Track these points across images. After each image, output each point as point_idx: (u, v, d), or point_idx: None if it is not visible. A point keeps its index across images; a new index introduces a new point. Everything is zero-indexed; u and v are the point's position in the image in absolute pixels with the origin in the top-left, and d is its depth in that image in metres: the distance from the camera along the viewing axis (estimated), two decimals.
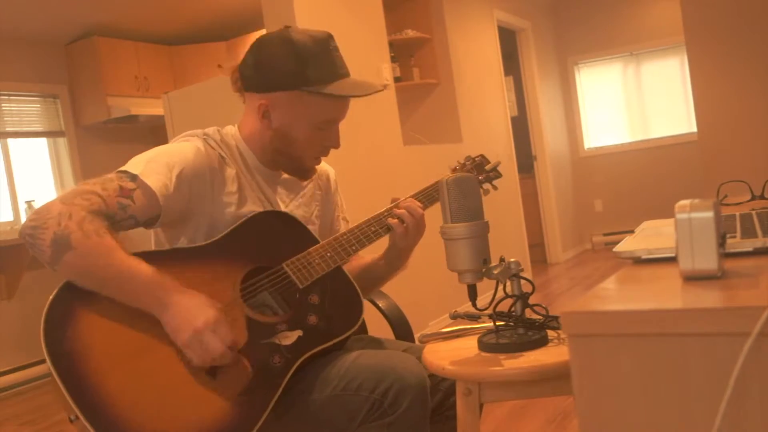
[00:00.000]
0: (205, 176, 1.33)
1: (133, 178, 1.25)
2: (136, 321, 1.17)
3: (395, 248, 1.48)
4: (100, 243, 1.14)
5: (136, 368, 1.13)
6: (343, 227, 1.61)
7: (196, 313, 1.15)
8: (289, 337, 1.26)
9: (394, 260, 1.51)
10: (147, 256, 1.20)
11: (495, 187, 1.61)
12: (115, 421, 1.07)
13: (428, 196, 1.50)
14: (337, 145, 1.44)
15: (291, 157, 1.41)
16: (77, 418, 1.08)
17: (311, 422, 1.25)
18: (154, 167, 1.27)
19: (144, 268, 1.17)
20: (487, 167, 1.63)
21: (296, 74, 1.33)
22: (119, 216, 1.21)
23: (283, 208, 1.47)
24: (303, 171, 1.45)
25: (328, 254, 1.36)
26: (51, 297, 1.16)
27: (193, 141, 1.37)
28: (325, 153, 1.45)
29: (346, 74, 1.40)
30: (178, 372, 1.15)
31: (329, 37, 1.39)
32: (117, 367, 1.12)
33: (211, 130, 1.42)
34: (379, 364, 1.25)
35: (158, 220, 1.28)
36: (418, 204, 1.46)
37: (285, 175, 1.50)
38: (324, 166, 1.62)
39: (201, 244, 1.32)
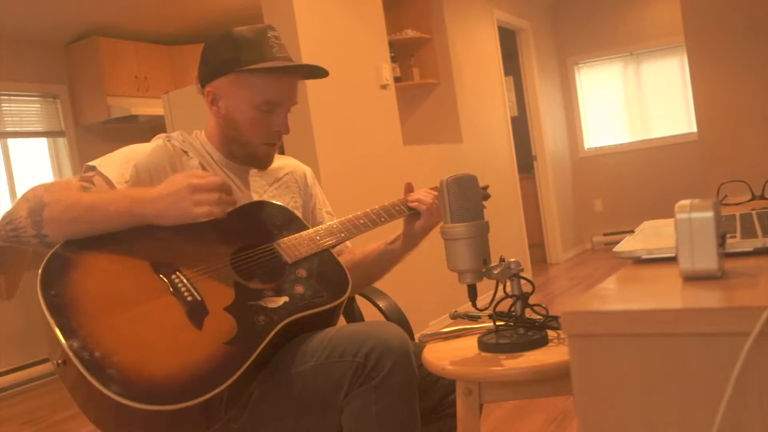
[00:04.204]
0: (165, 169, 1.40)
1: (92, 168, 1.36)
2: (130, 275, 1.22)
3: (416, 231, 1.53)
4: (67, 188, 1.27)
5: (127, 314, 1.16)
6: (327, 220, 1.66)
7: (175, 181, 1.25)
8: (276, 302, 1.28)
9: (410, 243, 1.56)
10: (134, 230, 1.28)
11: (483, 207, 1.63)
12: (102, 360, 1.08)
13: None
14: (284, 130, 1.47)
15: (240, 143, 1.46)
16: (64, 362, 1.09)
17: (300, 395, 1.26)
18: (111, 160, 1.38)
19: (111, 190, 1.28)
20: None
21: (231, 59, 1.41)
22: None
23: (256, 199, 1.52)
24: (257, 159, 1.50)
25: (318, 237, 1.42)
26: (51, 251, 1.22)
27: (155, 141, 1.46)
28: (275, 138, 1.48)
29: (284, 59, 1.44)
30: (166, 321, 1.18)
31: (269, 27, 1.45)
32: (109, 312, 1.16)
33: (175, 133, 1.51)
34: (361, 330, 1.26)
35: None
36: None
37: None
38: (300, 164, 1.69)
39: (194, 222, 1.32)
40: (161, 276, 1.24)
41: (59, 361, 1.11)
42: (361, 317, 1.71)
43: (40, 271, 1.17)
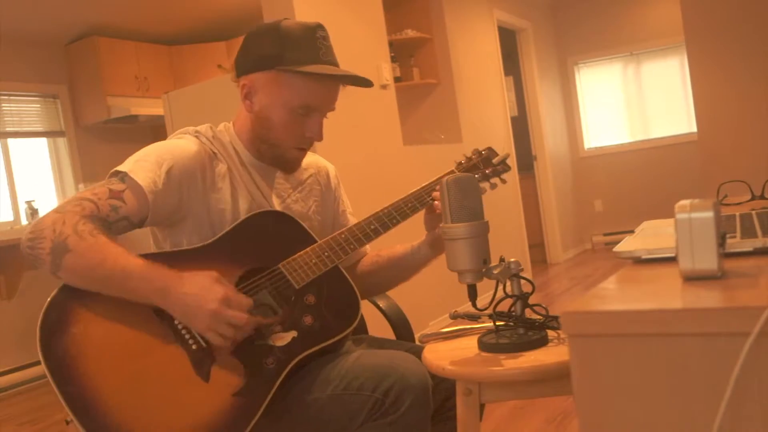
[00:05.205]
0: (196, 173, 1.34)
1: (123, 177, 1.28)
2: (131, 325, 1.18)
3: (439, 236, 1.43)
4: (94, 242, 1.17)
5: (130, 371, 1.14)
6: (351, 221, 1.60)
7: (205, 295, 1.16)
8: (284, 338, 1.25)
9: (440, 246, 1.45)
10: (144, 258, 1.22)
11: (504, 181, 1.55)
12: (108, 424, 1.08)
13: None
14: (317, 137, 1.40)
15: (271, 144, 1.40)
16: (72, 420, 1.09)
17: (313, 422, 1.25)
18: (143, 165, 1.29)
19: (138, 260, 1.19)
20: (495, 160, 1.56)
21: (274, 55, 1.33)
22: (112, 217, 1.23)
23: (279, 203, 1.46)
24: (285, 161, 1.43)
25: (326, 254, 1.35)
26: (47, 301, 1.17)
27: (185, 138, 1.39)
28: (306, 144, 1.42)
29: (330, 62, 1.37)
30: (171, 375, 1.16)
31: (318, 26, 1.37)
32: (111, 371, 1.13)
33: (203, 127, 1.43)
34: (380, 363, 1.24)
35: (149, 218, 1.29)
36: None
37: None
38: (323, 162, 1.62)
39: (197, 246, 1.32)
40: (163, 322, 1.20)
41: (68, 420, 1.10)
42: (362, 318, 1.71)
43: (39, 325, 1.14)
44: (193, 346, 1.19)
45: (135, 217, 1.26)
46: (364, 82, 1.39)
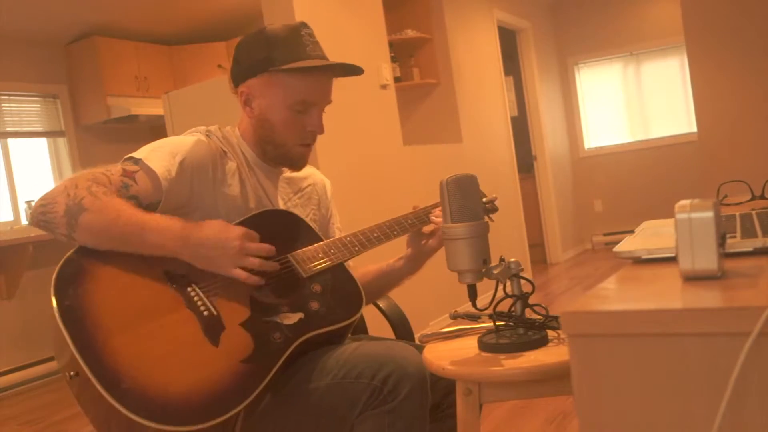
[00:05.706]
0: (207, 168, 1.37)
1: (136, 161, 1.32)
2: (145, 287, 1.21)
3: (424, 250, 1.51)
4: (109, 201, 1.21)
5: (142, 328, 1.16)
6: (337, 236, 1.63)
7: (226, 235, 1.22)
8: (291, 318, 1.28)
9: (416, 264, 1.54)
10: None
11: (492, 220, 1.60)
12: (117, 375, 1.08)
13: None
14: (319, 130, 1.45)
15: (275, 144, 1.44)
16: (77, 374, 1.09)
17: (313, 411, 1.26)
18: (158, 154, 1.33)
19: (155, 215, 1.24)
20: (484, 200, 1.60)
21: (264, 59, 1.38)
22: (122, 194, 1.27)
23: (282, 205, 1.50)
24: (291, 159, 1.47)
25: (332, 251, 1.41)
26: (65, 256, 1.20)
27: (197, 136, 1.43)
28: (310, 139, 1.46)
29: (318, 57, 1.41)
30: (181, 336, 1.18)
31: (302, 25, 1.42)
32: (124, 326, 1.15)
33: (213, 127, 1.48)
34: (378, 352, 1.26)
35: (158, 205, 1.31)
36: None
37: (287, 173, 1.53)
38: (321, 175, 1.67)
39: None
40: (176, 288, 1.22)
41: (71, 374, 1.10)
42: (362, 319, 1.71)
43: (54, 277, 1.15)
44: (204, 313, 1.21)
45: (145, 199, 1.29)
46: (354, 70, 1.43)
